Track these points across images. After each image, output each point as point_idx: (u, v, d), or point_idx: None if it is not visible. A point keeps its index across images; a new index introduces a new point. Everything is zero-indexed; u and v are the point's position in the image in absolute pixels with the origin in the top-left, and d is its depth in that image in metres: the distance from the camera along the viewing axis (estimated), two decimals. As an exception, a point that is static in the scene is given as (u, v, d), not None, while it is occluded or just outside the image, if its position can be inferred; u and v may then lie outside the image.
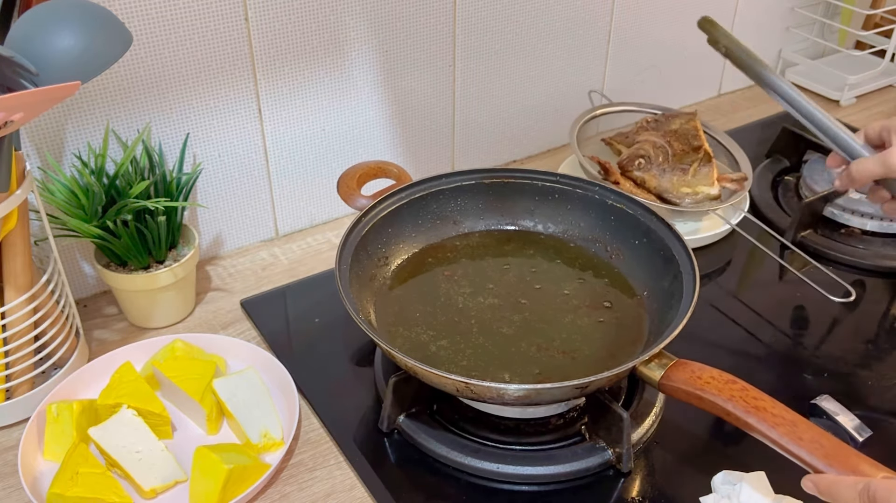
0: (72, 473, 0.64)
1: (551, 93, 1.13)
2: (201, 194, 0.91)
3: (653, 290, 0.79)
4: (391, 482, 0.68)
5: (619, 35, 1.15)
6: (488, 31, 1.02)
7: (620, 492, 0.68)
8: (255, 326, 0.85)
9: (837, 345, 0.84)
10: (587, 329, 0.77)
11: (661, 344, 0.65)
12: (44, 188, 0.78)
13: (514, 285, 0.83)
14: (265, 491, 0.68)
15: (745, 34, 1.30)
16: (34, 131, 0.79)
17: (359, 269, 0.78)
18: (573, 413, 0.74)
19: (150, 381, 0.75)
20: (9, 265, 0.71)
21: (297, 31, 0.87)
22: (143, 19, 0.78)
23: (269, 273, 0.94)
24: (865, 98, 1.35)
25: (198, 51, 0.83)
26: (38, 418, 0.70)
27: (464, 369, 0.72)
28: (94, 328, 0.85)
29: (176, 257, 0.83)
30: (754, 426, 0.58)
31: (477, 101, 1.06)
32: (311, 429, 0.74)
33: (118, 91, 0.81)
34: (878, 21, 1.41)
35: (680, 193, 0.96)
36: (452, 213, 0.88)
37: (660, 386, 0.65)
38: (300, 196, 0.99)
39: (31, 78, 0.61)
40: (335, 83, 0.93)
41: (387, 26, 0.93)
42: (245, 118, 0.90)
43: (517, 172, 0.88)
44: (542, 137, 1.17)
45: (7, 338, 0.72)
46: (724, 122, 1.27)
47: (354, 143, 0.99)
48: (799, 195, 1.07)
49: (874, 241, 0.99)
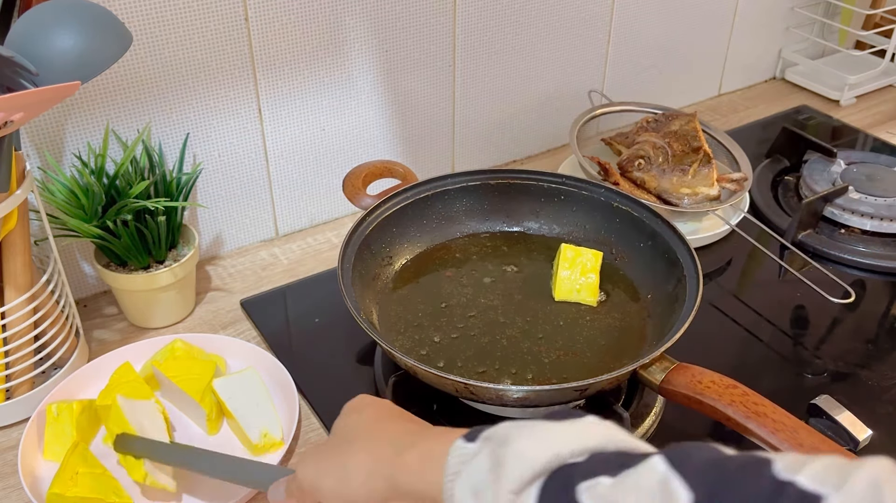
0: (72, 473, 0.64)
1: (551, 93, 1.13)
2: (201, 194, 0.91)
3: (657, 294, 0.79)
4: (391, 482, 0.68)
5: (619, 35, 1.15)
6: (488, 31, 1.02)
7: (620, 493, 0.68)
8: (255, 326, 0.85)
9: (837, 345, 0.84)
10: (589, 331, 0.77)
11: (661, 348, 0.65)
12: (44, 188, 0.78)
13: (517, 287, 0.83)
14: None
15: (745, 34, 1.30)
16: (34, 131, 0.79)
17: (362, 268, 0.78)
18: (573, 413, 0.74)
19: (150, 381, 0.75)
20: (9, 265, 0.71)
21: (297, 32, 0.87)
22: (143, 19, 0.78)
23: (269, 273, 0.94)
24: (865, 98, 1.35)
25: (198, 51, 0.83)
26: (38, 418, 0.70)
27: (464, 370, 0.72)
28: (94, 328, 0.85)
29: (176, 257, 0.83)
30: (754, 431, 0.59)
31: (477, 101, 1.06)
32: (311, 429, 0.74)
33: (118, 91, 0.81)
34: (878, 21, 1.41)
35: (680, 194, 0.96)
36: (457, 213, 0.88)
37: (660, 389, 0.65)
38: (300, 196, 0.99)
39: (31, 78, 0.61)
40: (335, 83, 0.93)
41: (387, 26, 0.93)
42: (245, 118, 0.90)
43: (523, 173, 0.88)
44: (542, 137, 1.17)
45: (7, 338, 0.72)
46: (724, 122, 1.27)
47: (354, 143, 0.99)
48: (799, 195, 1.07)
49: (874, 241, 0.99)
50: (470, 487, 0.40)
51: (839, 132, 1.25)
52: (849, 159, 1.08)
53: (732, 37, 1.29)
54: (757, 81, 1.40)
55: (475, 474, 0.40)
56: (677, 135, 1.02)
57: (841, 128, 1.26)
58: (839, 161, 1.08)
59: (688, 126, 1.03)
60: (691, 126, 1.02)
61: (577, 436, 0.39)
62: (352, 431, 0.50)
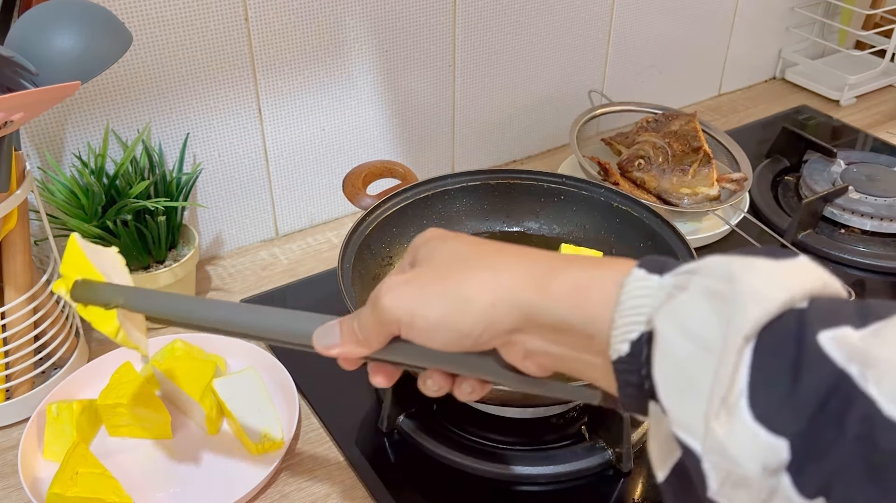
0: (71, 473, 0.64)
1: (551, 93, 1.13)
2: (201, 194, 0.91)
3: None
4: (391, 482, 0.68)
5: (619, 35, 1.15)
6: (488, 31, 1.02)
7: (620, 493, 0.68)
8: (255, 326, 0.85)
9: (837, 345, 0.84)
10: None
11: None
12: (44, 188, 0.78)
13: (514, 285, 0.83)
14: (265, 491, 0.68)
15: (745, 34, 1.30)
16: (34, 131, 0.79)
17: (362, 268, 0.78)
18: (573, 413, 0.74)
19: (150, 381, 0.75)
20: (9, 265, 0.71)
21: (297, 31, 0.87)
22: (143, 19, 0.78)
23: (269, 273, 0.94)
24: (865, 98, 1.35)
25: (198, 51, 0.83)
26: (38, 418, 0.70)
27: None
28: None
29: (176, 257, 0.83)
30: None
31: (477, 101, 1.06)
32: (311, 429, 0.74)
33: (118, 91, 0.81)
34: (878, 21, 1.41)
35: (679, 194, 0.96)
36: (457, 213, 0.88)
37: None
38: (300, 196, 0.99)
39: (31, 78, 0.61)
40: (335, 83, 0.93)
41: (387, 26, 0.93)
42: (245, 118, 0.90)
43: (523, 173, 0.88)
44: (541, 137, 1.17)
45: (7, 338, 0.72)
46: (724, 122, 1.27)
47: (354, 143, 0.99)
48: (799, 195, 1.07)
49: (874, 241, 0.99)
50: (677, 326, 0.34)
51: (839, 132, 1.25)
52: (849, 159, 1.08)
53: (732, 37, 1.29)
54: (757, 81, 1.40)
55: (688, 312, 0.34)
56: (677, 135, 1.02)
57: (841, 128, 1.26)
58: (839, 161, 1.08)
59: (688, 126, 1.03)
60: (691, 126, 1.02)
61: (801, 278, 0.34)
62: (459, 258, 0.43)
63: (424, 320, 0.41)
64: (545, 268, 0.40)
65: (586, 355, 0.38)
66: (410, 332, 0.42)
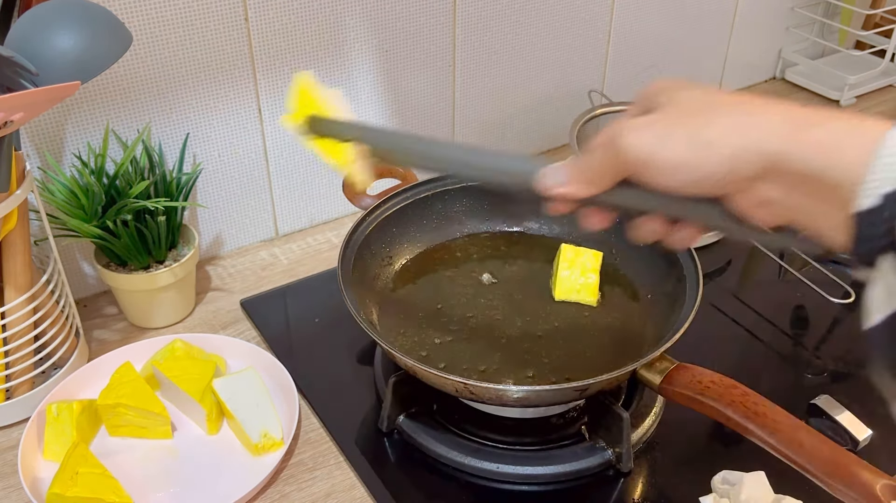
0: (72, 473, 0.64)
1: (551, 93, 1.13)
2: (201, 194, 0.91)
3: (656, 294, 0.79)
4: (391, 482, 0.68)
5: (619, 35, 1.15)
6: (488, 31, 1.02)
7: (620, 492, 0.68)
8: (254, 326, 0.85)
9: (837, 345, 0.84)
10: (589, 331, 0.77)
11: (661, 348, 0.65)
12: (44, 188, 0.78)
13: (517, 287, 0.83)
14: (265, 491, 0.68)
15: (745, 34, 1.30)
16: (34, 131, 0.79)
17: (362, 268, 0.78)
18: (573, 413, 0.74)
19: (150, 381, 0.75)
20: (9, 265, 0.71)
21: (297, 31, 0.87)
22: (143, 19, 0.78)
23: (268, 273, 0.94)
24: (865, 98, 1.35)
25: (198, 51, 0.83)
26: (38, 418, 0.70)
27: (464, 370, 0.72)
28: (94, 328, 0.85)
29: (176, 257, 0.83)
30: (754, 432, 0.58)
31: (477, 101, 1.06)
32: (311, 429, 0.74)
33: (118, 91, 0.81)
34: (878, 21, 1.41)
35: (680, 193, 0.96)
36: (457, 213, 0.88)
37: (660, 389, 0.65)
38: (300, 196, 0.99)
39: (31, 78, 0.61)
40: (335, 83, 0.93)
41: (387, 26, 0.93)
42: (245, 118, 0.90)
43: None
44: (541, 137, 1.17)
45: (7, 338, 0.72)
46: (724, 122, 1.27)
47: (354, 143, 0.99)
48: (799, 195, 1.07)
49: (874, 241, 0.98)
50: None
51: (839, 132, 1.25)
52: (849, 159, 1.08)
53: (732, 36, 1.29)
54: (757, 81, 1.40)
55: None
56: (677, 135, 1.01)
57: (841, 128, 1.26)
58: (839, 161, 1.07)
59: (688, 126, 1.02)
60: (691, 126, 1.02)
61: None
62: (706, 102, 0.42)
63: (666, 161, 0.41)
64: (801, 116, 0.39)
65: (823, 206, 0.38)
66: (647, 172, 0.42)
